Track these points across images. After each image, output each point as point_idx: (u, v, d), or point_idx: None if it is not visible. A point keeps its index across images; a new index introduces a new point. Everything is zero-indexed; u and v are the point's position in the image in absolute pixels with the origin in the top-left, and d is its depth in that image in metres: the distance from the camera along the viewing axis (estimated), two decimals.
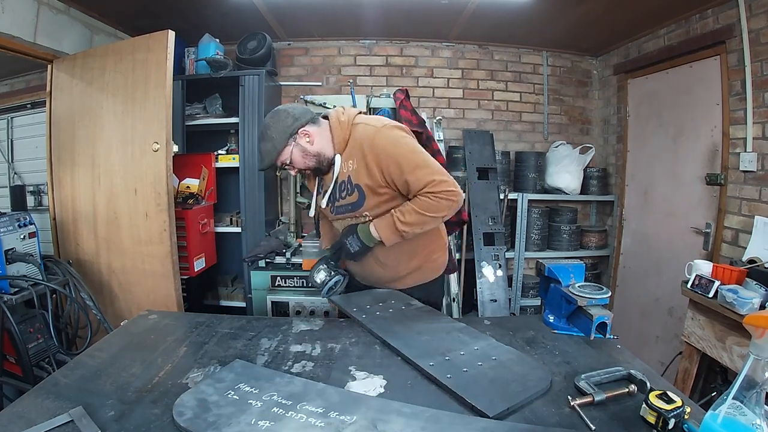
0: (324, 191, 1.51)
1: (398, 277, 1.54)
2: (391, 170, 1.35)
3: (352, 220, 1.48)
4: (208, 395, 0.88)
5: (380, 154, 1.35)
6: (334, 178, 1.45)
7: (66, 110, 2.38)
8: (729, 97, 2.30)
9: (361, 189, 1.40)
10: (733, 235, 2.27)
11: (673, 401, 0.78)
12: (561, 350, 1.14)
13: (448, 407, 0.88)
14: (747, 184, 2.20)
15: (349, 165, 1.41)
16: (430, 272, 1.59)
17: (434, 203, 1.33)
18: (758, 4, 2.08)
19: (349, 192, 1.42)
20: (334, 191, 1.46)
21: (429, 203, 1.33)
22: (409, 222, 1.35)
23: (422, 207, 1.34)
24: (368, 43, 3.36)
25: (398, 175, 1.34)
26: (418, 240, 1.48)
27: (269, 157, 1.40)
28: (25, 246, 1.93)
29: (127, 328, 1.29)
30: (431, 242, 1.56)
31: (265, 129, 1.40)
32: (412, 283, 1.56)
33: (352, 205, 1.43)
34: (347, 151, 1.42)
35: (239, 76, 2.82)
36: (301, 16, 2.87)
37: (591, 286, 1.21)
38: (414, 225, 1.35)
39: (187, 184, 2.86)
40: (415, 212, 1.34)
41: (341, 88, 3.31)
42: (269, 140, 1.38)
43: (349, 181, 1.42)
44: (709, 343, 1.79)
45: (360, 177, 1.39)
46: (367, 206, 1.41)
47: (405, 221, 1.35)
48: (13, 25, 2.04)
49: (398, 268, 1.53)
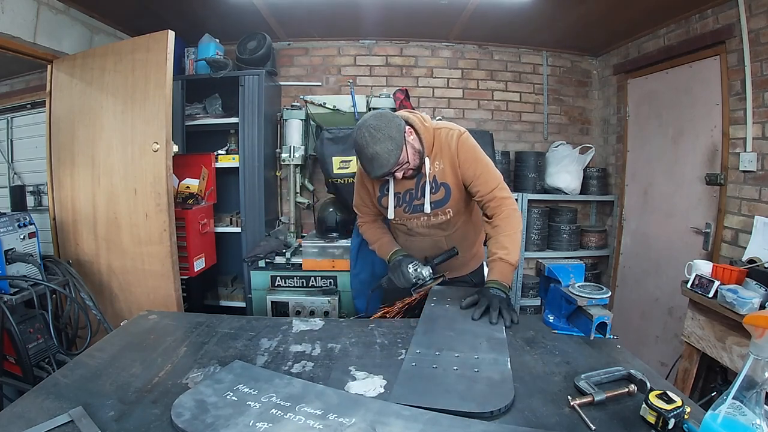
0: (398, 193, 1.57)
1: (465, 262, 1.75)
2: (467, 168, 1.48)
3: (428, 219, 1.57)
4: (206, 396, 0.88)
5: (463, 153, 1.48)
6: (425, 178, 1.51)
7: (66, 110, 2.38)
8: (729, 97, 2.30)
9: (448, 187, 1.52)
10: (733, 235, 2.27)
11: (673, 401, 0.78)
12: (561, 350, 1.13)
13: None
14: (747, 184, 2.20)
15: (435, 166, 1.51)
16: (480, 258, 1.84)
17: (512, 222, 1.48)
18: (758, 4, 2.08)
19: (435, 190, 1.53)
20: (416, 191, 1.55)
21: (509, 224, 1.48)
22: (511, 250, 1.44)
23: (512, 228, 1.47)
24: (368, 43, 3.36)
25: (471, 170, 1.48)
26: (474, 231, 1.73)
27: (393, 156, 1.36)
28: (25, 246, 1.93)
29: (127, 328, 1.29)
30: (477, 234, 1.77)
31: (376, 131, 1.35)
32: (474, 266, 1.79)
33: (437, 203, 1.53)
34: (434, 153, 1.51)
35: (239, 76, 2.82)
36: (301, 16, 2.87)
37: (591, 286, 1.21)
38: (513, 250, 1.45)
39: (187, 184, 2.86)
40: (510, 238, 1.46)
41: (341, 88, 3.31)
42: (389, 140, 1.34)
43: (434, 180, 1.52)
44: (709, 343, 1.79)
45: (447, 176, 1.51)
46: (451, 203, 1.54)
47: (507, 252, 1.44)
48: (13, 25, 2.04)
49: (465, 255, 1.71)
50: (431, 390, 0.92)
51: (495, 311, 1.27)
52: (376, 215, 1.75)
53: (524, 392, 0.93)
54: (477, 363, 1.02)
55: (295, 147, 2.89)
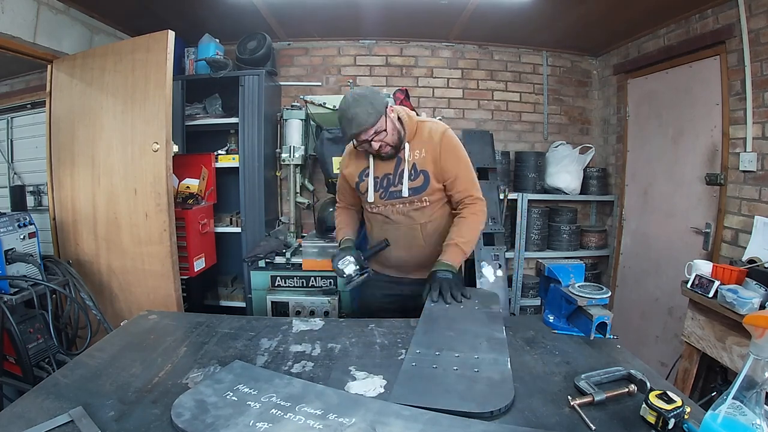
0: (377, 177, 1.61)
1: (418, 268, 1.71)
2: (449, 164, 1.56)
3: (405, 206, 1.61)
4: (206, 396, 0.88)
5: (446, 147, 1.56)
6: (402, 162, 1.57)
7: (66, 110, 2.38)
8: (729, 97, 2.30)
9: (427, 174, 1.57)
10: (733, 235, 2.27)
11: (673, 401, 0.78)
12: (561, 350, 1.14)
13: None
14: (747, 184, 2.20)
15: (416, 154, 1.58)
16: None
17: (479, 219, 1.59)
18: (758, 4, 2.08)
19: (414, 177, 1.58)
20: (394, 176, 1.60)
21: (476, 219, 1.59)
22: (469, 240, 1.57)
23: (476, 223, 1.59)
24: (368, 43, 3.36)
25: (453, 168, 1.57)
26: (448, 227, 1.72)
27: (372, 118, 1.44)
28: (25, 246, 1.93)
29: (127, 328, 1.29)
30: None
31: (360, 97, 1.46)
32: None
33: (414, 189, 1.58)
34: (415, 141, 1.59)
35: (239, 76, 2.82)
36: (301, 16, 2.87)
37: (591, 286, 1.21)
38: (471, 241, 1.57)
39: (187, 184, 2.86)
40: (471, 231, 1.57)
41: (341, 88, 3.31)
42: (369, 105, 1.44)
43: (413, 167, 1.58)
44: (709, 343, 1.79)
45: (427, 164, 1.57)
46: (428, 192, 1.58)
47: (465, 240, 1.55)
48: (13, 25, 2.04)
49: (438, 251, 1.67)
50: (431, 390, 0.92)
51: (447, 292, 1.40)
52: (350, 204, 1.82)
53: (524, 392, 0.93)
54: (477, 363, 1.02)
55: (295, 147, 2.89)
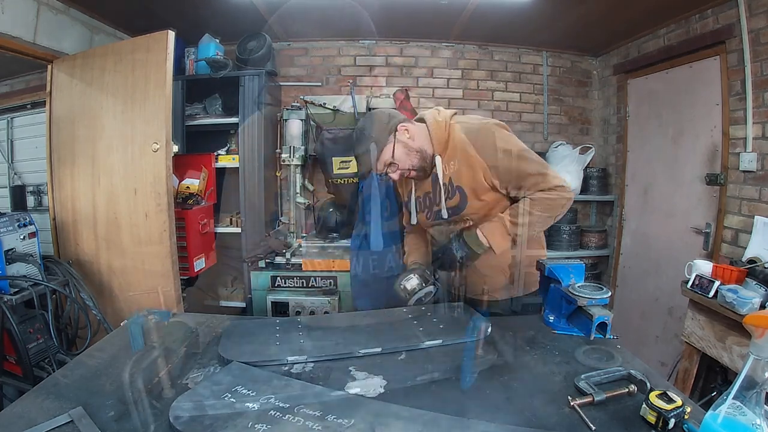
0: (419, 197, 1.45)
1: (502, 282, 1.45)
2: (498, 164, 1.28)
3: (449, 227, 1.42)
4: (204, 398, 0.88)
5: (484, 148, 1.28)
6: (438, 180, 1.37)
7: (66, 110, 2.38)
8: (729, 97, 2.30)
9: (462, 191, 1.34)
10: (733, 235, 2.27)
11: (673, 401, 0.78)
12: (561, 350, 1.13)
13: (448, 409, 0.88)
14: (747, 184, 2.20)
15: (450, 166, 1.35)
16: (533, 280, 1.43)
17: (547, 201, 1.24)
18: (758, 4, 2.08)
19: (451, 195, 1.36)
20: (434, 195, 1.40)
21: (541, 201, 1.24)
22: (521, 224, 1.25)
23: (534, 207, 1.25)
24: (368, 43, 3.36)
25: (503, 167, 1.27)
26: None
27: (372, 156, 1.32)
28: (25, 246, 1.93)
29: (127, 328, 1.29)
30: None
31: (360, 132, 1.34)
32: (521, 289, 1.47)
33: (453, 209, 1.37)
34: (448, 153, 1.35)
35: (239, 76, 2.82)
36: (301, 16, 2.86)
37: (591, 286, 1.21)
38: (526, 227, 1.27)
39: (187, 184, 2.86)
40: (527, 213, 1.25)
41: (341, 89, 3.31)
42: (368, 139, 1.31)
43: (450, 183, 1.36)
44: (709, 343, 1.79)
45: (461, 178, 1.33)
46: (470, 210, 1.35)
47: (517, 223, 1.26)
48: (13, 25, 2.04)
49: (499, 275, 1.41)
50: None
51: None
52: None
53: (524, 392, 0.93)
54: None
55: (295, 147, 2.89)
